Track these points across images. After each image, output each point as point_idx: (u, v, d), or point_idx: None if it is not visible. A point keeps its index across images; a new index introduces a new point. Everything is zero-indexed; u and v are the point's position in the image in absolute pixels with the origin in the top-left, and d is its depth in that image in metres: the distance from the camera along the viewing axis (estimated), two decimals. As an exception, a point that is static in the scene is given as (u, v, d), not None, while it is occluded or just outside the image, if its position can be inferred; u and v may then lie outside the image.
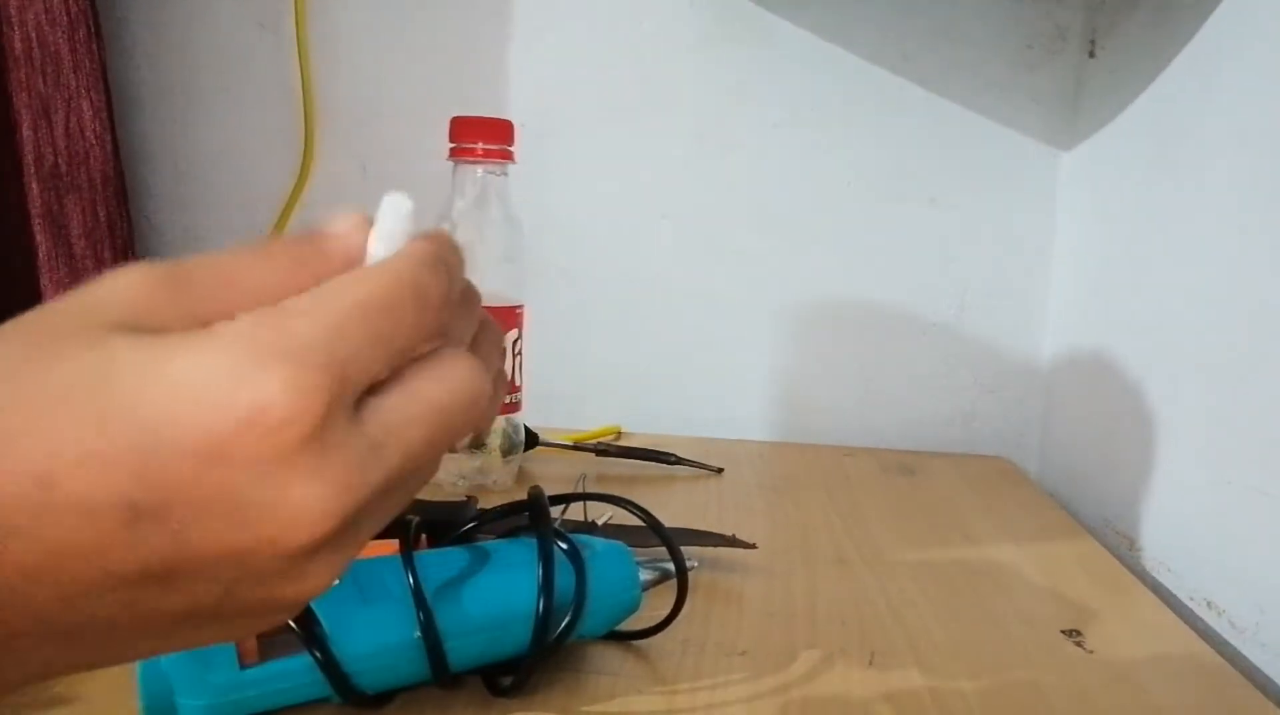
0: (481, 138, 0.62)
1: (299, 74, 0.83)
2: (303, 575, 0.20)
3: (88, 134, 0.74)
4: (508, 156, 0.63)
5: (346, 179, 0.85)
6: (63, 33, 0.72)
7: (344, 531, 0.20)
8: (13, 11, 0.69)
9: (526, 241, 0.65)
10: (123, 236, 0.78)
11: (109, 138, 0.76)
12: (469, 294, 0.25)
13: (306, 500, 0.19)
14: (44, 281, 0.73)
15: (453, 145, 0.62)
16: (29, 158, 0.72)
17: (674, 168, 0.82)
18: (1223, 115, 0.55)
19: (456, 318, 0.24)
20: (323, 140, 0.84)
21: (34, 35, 0.71)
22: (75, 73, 0.73)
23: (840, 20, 0.79)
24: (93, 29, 0.74)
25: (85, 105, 0.74)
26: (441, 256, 0.23)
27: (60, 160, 0.73)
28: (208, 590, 0.20)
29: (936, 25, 0.78)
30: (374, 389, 0.21)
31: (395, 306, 0.21)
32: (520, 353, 0.65)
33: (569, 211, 0.83)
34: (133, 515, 0.19)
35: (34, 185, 0.72)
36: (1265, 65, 0.50)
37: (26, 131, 0.72)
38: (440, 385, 0.22)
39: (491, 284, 0.63)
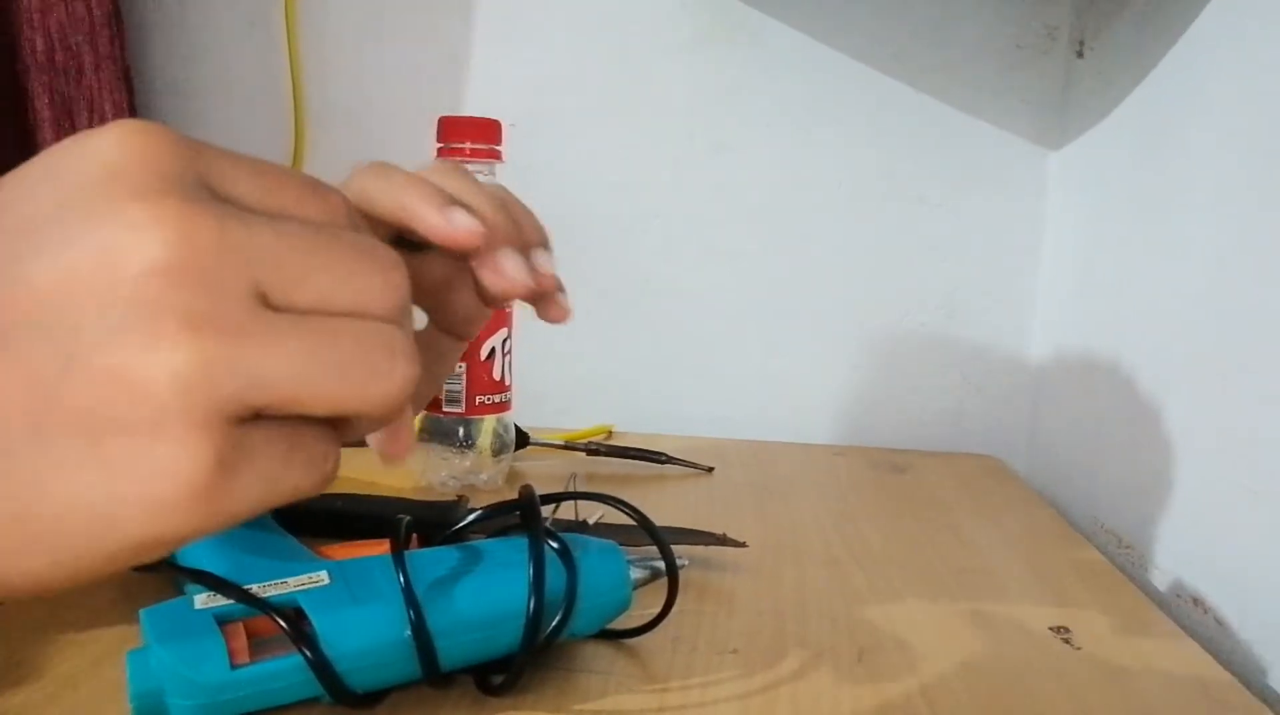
0: (469, 137, 0.62)
1: (289, 72, 0.82)
2: (156, 332, 0.17)
3: None
4: (495, 156, 0.63)
5: (336, 177, 0.84)
6: (85, 35, 0.72)
7: (192, 273, 0.18)
8: (35, 15, 0.69)
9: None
10: None
11: None
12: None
13: (149, 216, 0.18)
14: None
15: (440, 145, 0.62)
16: None
17: (665, 167, 0.82)
18: (1211, 115, 0.55)
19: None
20: (313, 139, 0.84)
21: (56, 39, 0.71)
22: (97, 74, 0.73)
23: (831, 20, 0.79)
24: (116, 29, 0.74)
25: (108, 103, 0.74)
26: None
27: None
28: (44, 350, 0.18)
29: (926, 25, 0.78)
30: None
31: (283, 169, 0.22)
32: (510, 352, 0.65)
33: (559, 211, 0.82)
34: None
35: None
36: (1253, 65, 0.51)
37: (48, 133, 0.71)
38: (338, 229, 0.21)
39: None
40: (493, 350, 0.63)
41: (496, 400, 0.64)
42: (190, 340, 0.18)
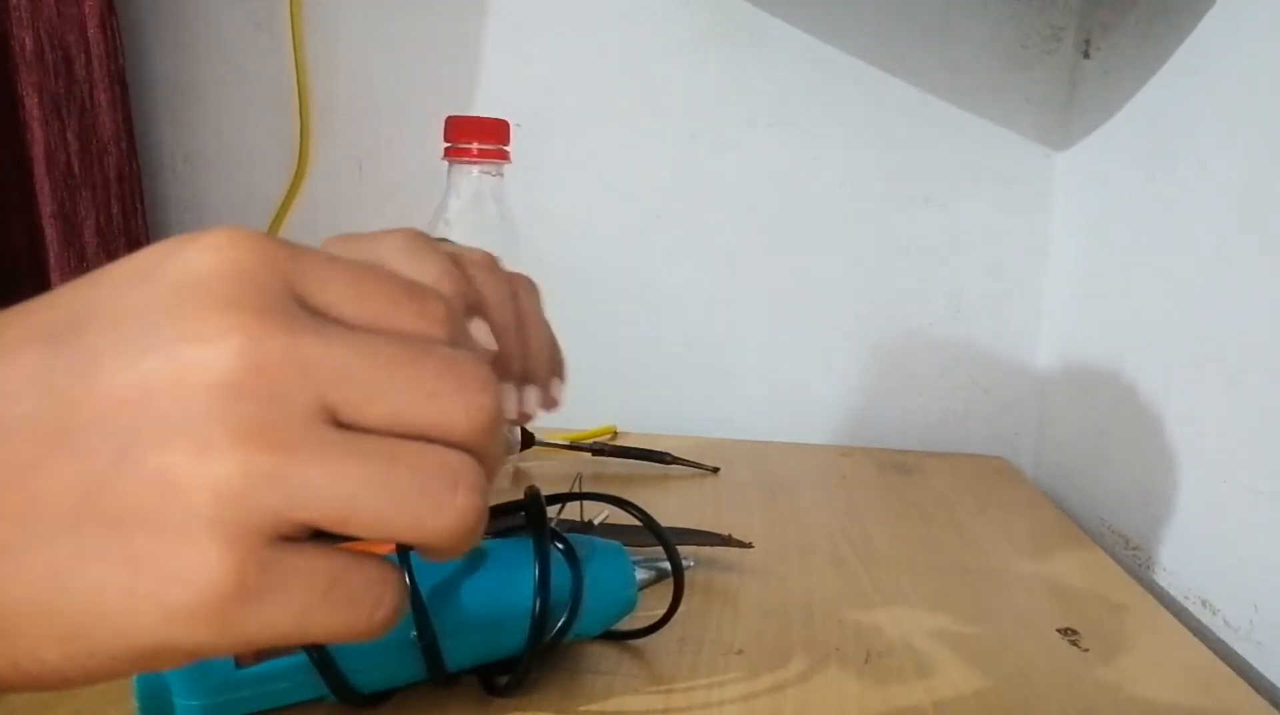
0: (477, 137, 0.62)
1: (295, 73, 0.83)
2: (206, 440, 0.18)
3: (102, 132, 0.75)
4: (503, 156, 0.63)
5: (343, 178, 0.85)
6: (75, 31, 0.72)
7: (254, 386, 0.18)
8: (24, 13, 0.69)
9: (521, 241, 0.65)
10: (137, 232, 0.78)
11: (125, 134, 0.76)
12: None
13: (221, 328, 0.18)
14: (54, 280, 0.73)
15: (448, 145, 0.62)
16: (40, 157, 0.72)
17: (667, 167, 0.82)
18: (1218, 115, 0.55)
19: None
20: (319, 140, 0.84)
21: (45, 35, 0.71)
22: (88, 70, 0.73)
23: (834, 19, 0.79)
24: (110, 27, 0.74)
25: (102, 101, 0.74)
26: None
27: (74, 159, 0.73)
28: (103, 447, 0.18)
29: (931, 25, 0.78)
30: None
31: (382, 274, 0.21)
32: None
33: (563, 211, 0.83)
34: (49, 348, 0.19)
35: (46, 184, 0.72)
36: (1259, 65, 0.50)
37: (38, 131, 0.71)
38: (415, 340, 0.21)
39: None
40: (498, 351, 0.63)
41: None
42: (236, 451, 0.18)
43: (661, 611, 0.42)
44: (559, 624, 0.37)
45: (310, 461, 0.18)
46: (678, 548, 0.42)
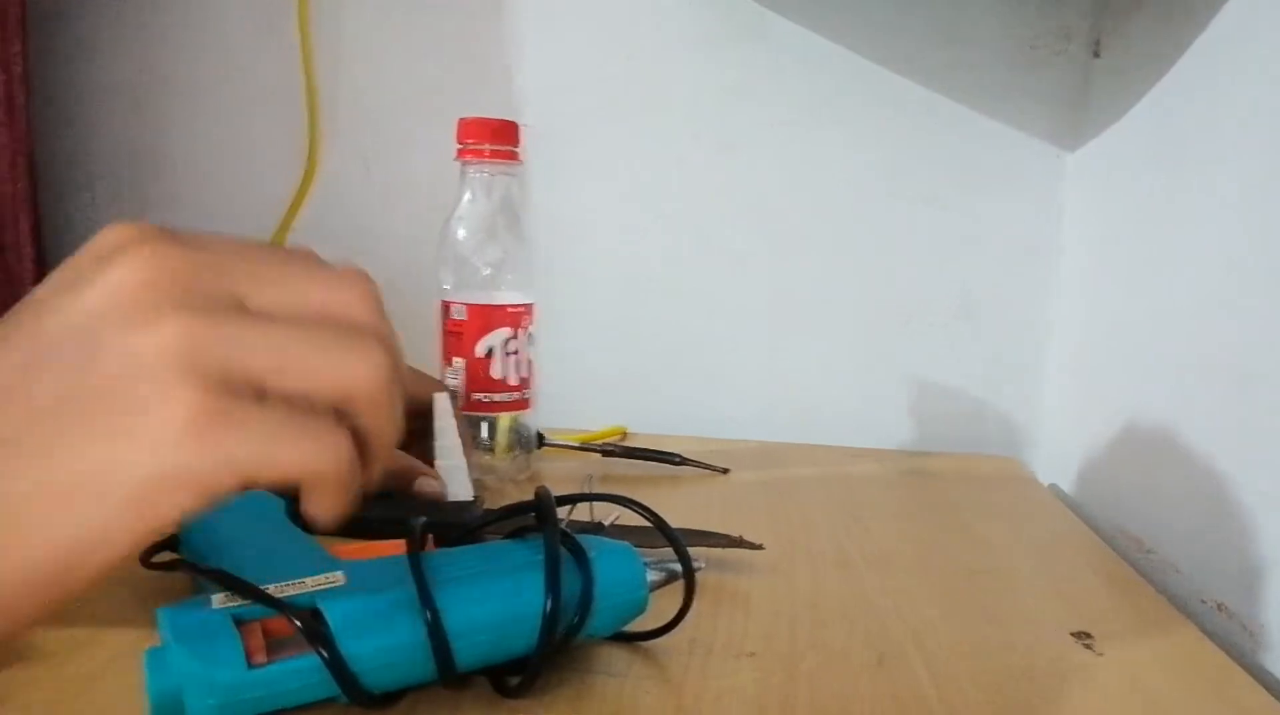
0: (488, 139, 0.62)
1: (303, 75, 0.83)
2: (156, 316, 0.22)
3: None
4: (514, 158, 0.63)
5: (350, 179, 0.85)
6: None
7: (176, 280, 0.23)
8: None
9: (530, 243, 0.65)
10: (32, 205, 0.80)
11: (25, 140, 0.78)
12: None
13: (129, 254, 0.23)
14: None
15: (460, 146, 0.62)
16: None
17: (674, 167, 0.82)
18: (1229, 115, 0.54)
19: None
20: (327, 141, 0.84)
21: None
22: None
23: (842, 19, 0.79)
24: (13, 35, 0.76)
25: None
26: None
27: None
28: (74, 353, 0.22)
29: (939, 25, 0.78)
30: None
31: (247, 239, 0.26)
32: (516, 352, 0.64)
33: (570, 212, 0.83)
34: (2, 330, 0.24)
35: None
36: (1272, 65, 0.50)
37: None
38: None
39: (498, 285, 0.63)
40: (490, 349, 0.63)
41: (496, 399, 0.64)
42: (180, 316, 0.23)
43: (672, 613, 0.42)
44: (569, 625, 0.37)
45: (239, 322, 0.24)
46: (688, 549, 0.42)
